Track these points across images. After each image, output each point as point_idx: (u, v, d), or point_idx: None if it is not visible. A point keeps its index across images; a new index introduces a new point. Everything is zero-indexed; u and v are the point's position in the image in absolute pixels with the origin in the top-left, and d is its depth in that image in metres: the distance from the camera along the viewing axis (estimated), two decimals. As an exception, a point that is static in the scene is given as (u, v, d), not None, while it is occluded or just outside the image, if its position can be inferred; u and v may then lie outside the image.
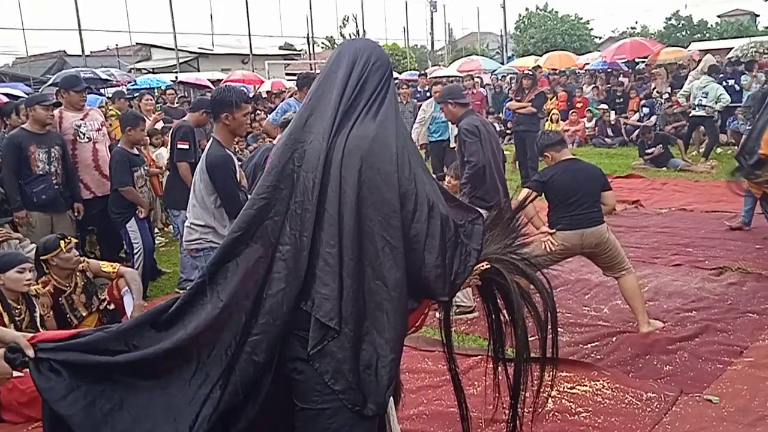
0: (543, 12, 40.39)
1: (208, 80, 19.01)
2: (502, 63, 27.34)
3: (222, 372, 1.86)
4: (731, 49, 16.70)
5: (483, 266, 2.15)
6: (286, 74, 25.44)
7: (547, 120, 11.28)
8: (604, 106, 13.75)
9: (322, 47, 38.22)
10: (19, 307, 3.64)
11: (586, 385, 3.47)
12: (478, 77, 17.57)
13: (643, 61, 17.93)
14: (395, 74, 20.98)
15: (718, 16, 42.30)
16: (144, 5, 68.81)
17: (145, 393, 1.88)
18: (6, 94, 13.75)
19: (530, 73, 10.03)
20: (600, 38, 39.53)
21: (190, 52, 28.74)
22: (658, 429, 3.04)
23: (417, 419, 3.24)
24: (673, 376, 3.57)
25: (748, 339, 3.95)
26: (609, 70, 17.59)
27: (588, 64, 20.20)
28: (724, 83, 11.35)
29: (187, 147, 5.20)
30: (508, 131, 13.49)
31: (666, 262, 5.53)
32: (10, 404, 3.37)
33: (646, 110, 12.70)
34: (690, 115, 10.53)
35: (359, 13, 36.91)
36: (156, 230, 6.75)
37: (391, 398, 2.15)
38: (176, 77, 19.66)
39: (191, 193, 3.95)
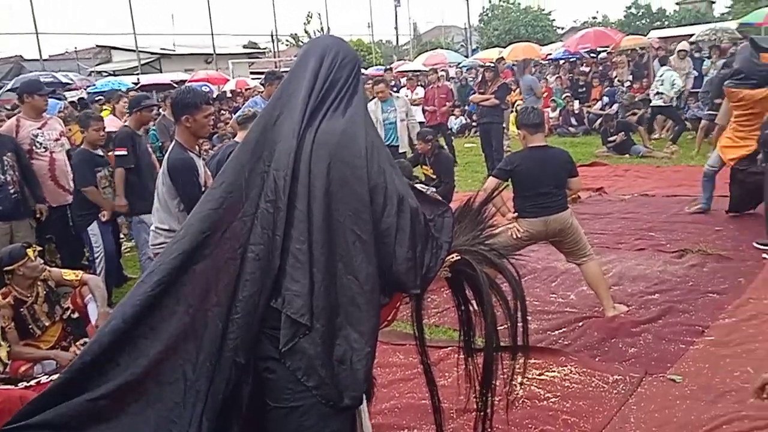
0: (506, 4, 40.66)
1: (172, 81, 18.75)
2: (467, 56, 27.49)
3: (210, 382, 1.83)
4: (690, 36, 17.04)
5: (453, 258, 2.17)
6: (251, 73, 25.20)
7: (512, 111, 11.38)
8: (568, 95, 13.95)
9: (287, 45, 37.93)
10: (-20, 319, 3.56)
11: (554, 371, 3.53)
12: (443, 71, 17.65)
13: (605, 50, 18.20)
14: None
15: (677, 4, 43.11)
16: (103, 6, 67.43)
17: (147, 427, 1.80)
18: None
19: (492, 65, 10.13)
20: (562, 29, 39.96)
21: (152, 53, 28.29)
22: (624, 410, 3.12)
23: (389, 413, 3.26)
24: (638, 358, 3.65)
25: (709, 318, 4.07)
26: (572, 59, 17.81)
27: (550, 54, 20.42)
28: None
29: (125, 153, 5.15)
30: (473, 124, 13.62)
31: (630, 247, 5.65)
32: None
33: (606, 99, 12.91)
34: (651, 104, 10.74)
35: (323, 10, 36.66)
36: (122, 235, 6.65)
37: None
38: (138, 79, 19.35)
39: (155, 196, 3.90)
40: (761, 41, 5.87)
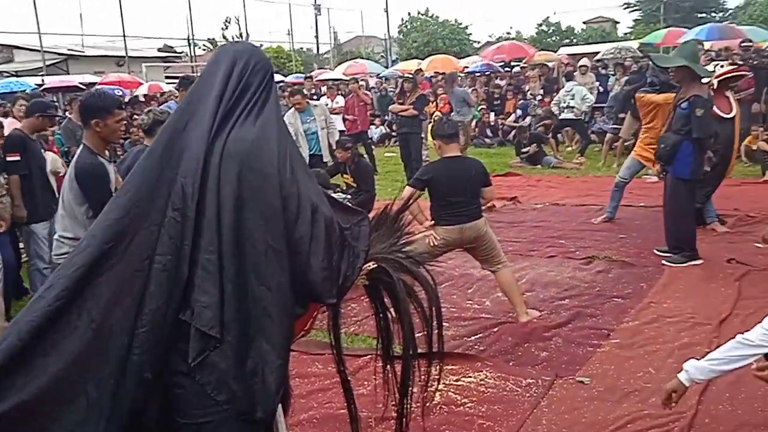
0: (424, 17, 41.54)
1: (80, 83, 17.88)
2: (387, 66, 27.83)
3: (114, 399, 1.75)
4: (596, 53, 18.00)
5: (370, 266, 2.17)
6: (166, 77, 24.46)
7: (430, 122, 11.59)
8: (484, 107, 14.36)
9: (204, 49, 37.06)
10: None
11: (470, 377, 3.60)
12: (363, 80, 17.77)
13: (518, 64, 18.95)
14: (281, 77, 20.80)
15: (584, 23, 45.52)
16: (4, 2, 63.44)
17: None
18: None
19: (411, 76, 10.30)
20: (478, 43, 41.24)
21: (59, 54, 26.87)
22: (537, 413, 3.21)
23: (307, 424, 3.22)
24: (549, 362, 3.79)
25: (614, 322, 4.27)
26: (488, 72, 18.39)
27: (467, 67, 21.02)
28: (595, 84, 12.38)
29: (17, 159, 4.90)
30: (393, 133, 13.78)
31: (541, 255, 5.86)
32: None
33: (520, 112, 13.40)
34: (560, 117, 11.24)
35: (242, 15, 36.03)
36: (22, 245, 6.26)
37: (280, 405, 2.13)
38: (42, 80, 18.34)
39: (60, 203, 3.71)
40: (659, 59, 6.27)
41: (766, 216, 6.27)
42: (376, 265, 2.22)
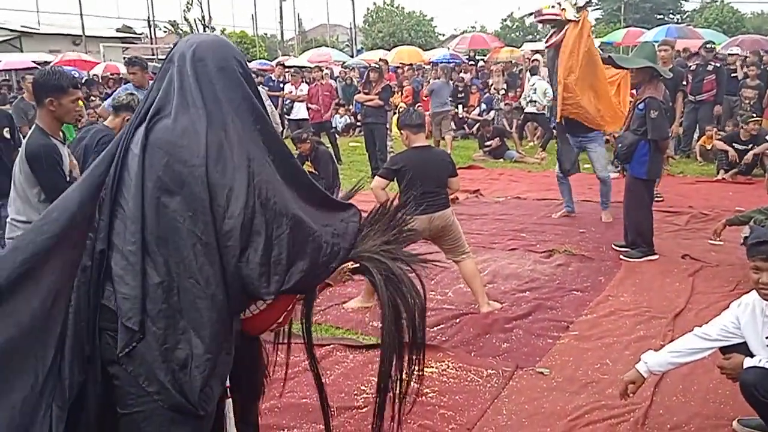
0: (390, 7, 41.45)
1: (34, 62, 17.26)
2: (352, 56, 27.71)
3: (58, 378, 1.76)
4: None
5: (348, 266, 2.11)
6: (125, 58, 23.83)
7: (395, 113, 11.58)
8: (450, 99, 14.38)
9: (165, 31, 36.23)
10: None
11: (432, 367, 3.61)
12: (328, 68, 17.63)
13: (483, 59, 19.10)
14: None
15: (547, 20, 46.05)
16: (-48, -25, 60.68)
17: None
18: None
19: (377, 66, 10.26)
20: (443, 35, 41.40)
21: (11, 31, 25.92)
22: (497, 403, 3.25)
23: (269, 413, 3.19)
24: (510, 353, 3.83)
25: (573, 314, 4.35)
26: (452, 65, 18.45)
27: (431, 60, 21.09)
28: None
29: None
30: (358, 123, 13.72)
31: (503, 247, 5.93)
32: None
33: (484, 106, 13.49)
34: (524, 111, 11.35)
35: (204, -2, 35.27)
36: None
37: (230, 400, 2.08)
38: (-6, 58, 17.67)
39: (12, 186, 3.59)
40: (620, 60, 6.36)
41: (718, 214, 6.44)
42: (357, 265, 2.14)
